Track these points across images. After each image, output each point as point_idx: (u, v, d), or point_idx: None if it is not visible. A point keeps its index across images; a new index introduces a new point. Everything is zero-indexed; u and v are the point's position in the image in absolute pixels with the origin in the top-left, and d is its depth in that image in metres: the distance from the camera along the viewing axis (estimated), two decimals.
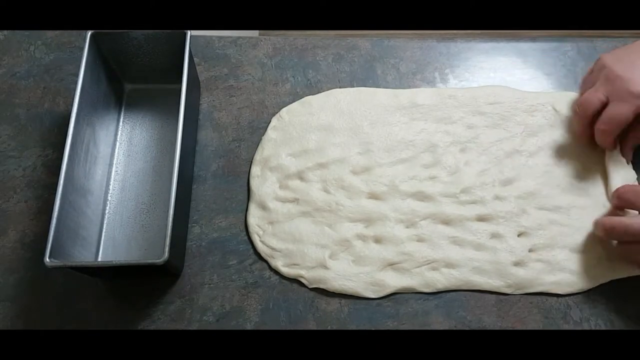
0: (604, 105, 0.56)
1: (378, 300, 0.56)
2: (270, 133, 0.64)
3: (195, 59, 0.67)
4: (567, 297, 0.55)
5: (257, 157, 0.62)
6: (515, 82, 0.67)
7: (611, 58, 0.58)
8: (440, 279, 0.56)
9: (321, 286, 0.56)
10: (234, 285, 0.56)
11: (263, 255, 0.57)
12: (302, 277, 0.56)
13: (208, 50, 0.69)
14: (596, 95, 0.56)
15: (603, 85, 0.56)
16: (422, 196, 0.60)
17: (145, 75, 0.65)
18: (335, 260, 0.57)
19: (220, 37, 0.70)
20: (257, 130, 0.64)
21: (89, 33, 0.59)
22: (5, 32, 0.70)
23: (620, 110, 0.55)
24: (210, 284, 0.57)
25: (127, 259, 0.57)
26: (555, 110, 0.64)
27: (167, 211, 0.51)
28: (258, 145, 0.63)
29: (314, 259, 0.57)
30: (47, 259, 0.48)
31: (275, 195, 0.60)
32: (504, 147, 0.62)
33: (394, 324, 0.55)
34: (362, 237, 0.58)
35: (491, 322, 0.55)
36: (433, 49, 0.70)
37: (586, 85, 0.61)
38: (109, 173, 0.61)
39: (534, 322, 0.55)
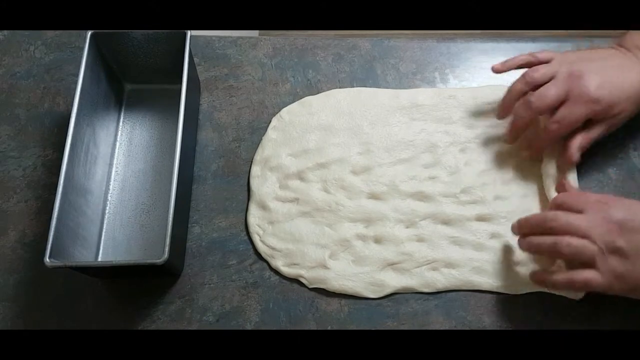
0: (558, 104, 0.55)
1: (378, 300, 0.56)
2: (271, 133, 0.64)
3: (195, 59, 0.67)
4: (567, 297, 0.55)
5: (257, 157, 0.62)
6: None
7: (576, 57, 0.57)
8: (440, 279, 0.56)
9: (321, 286, 0.56)
10: (234, 285, 0.57)
11: (263, 255, 0.57)
12: (302, 277, 0.56)
13: (208, 50, 0.69)
14: (556, 92, 0.54)
15: (563, 82, 0.55)
16: (422, 196, 0.60)
17: (145, 75, 0.65)
18: (335, 260, 0.57)
19: (220, 37, 0.70)
20: (257, 130, 0.64)
21: (89, 33, 0.59)
22: (5, 32, 0.70)
23: (576, 112, 0.54)
24: (210, 284, 0.57)
25: (127, 259, 0.57)
26: None
27: (167, 211, 0.51)
28: (258, 145, 0.63)
29: (314, 259, 0.57)
30: (47, 259, 0.49)
31: (276, 195, 0.60)
32: (507, 145, 0.62)
33: (394, 324, 0.55)
34: (362, 237, 0.58)
35: (491, 322, 0.55)
36: (433, 49, 0.70)
37: (539, 73, 0.57)
38: (109, 173, 0.61)
39: (533, 322, 0.54)
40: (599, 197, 0.51)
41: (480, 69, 0.68)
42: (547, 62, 0.58)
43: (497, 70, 0.60)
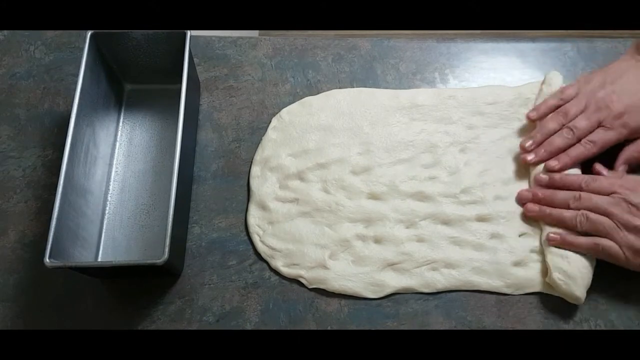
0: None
1: (378, 301, 0.56)
2: (271, 133, 0.64)
3: (195, 59, 0.67)
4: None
5: (257, 157, 0.62)
6: (515, 82, 0.67)
7: (599, 82, 0.60)
8: (440, 279, 0.56)
9: (321, 286, 0.56)
10: (234, 285, 0.56)
11: (263, 255, 0.57)
12: (302, 277, 0.56)
13: (208, 50, 0.69)
14: (587, 123, 0.58)
15: (593, 114, 0.58)
16: (422, 196, 0.59)
17: (145, 76, 0.65)
18: (335, 261, 0.57)
19: (220, 37, 0.70)
20: (257, 131, 0.64)
21: (89, 33, 0.59)
22: (5, 32, 0.70)
23: (608, 136, 0.58)
24: (210, 284, 0.57)
25: (127, 259, 0.57)
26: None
27: (167, 211, 0.51)
28: (258, 146, 0.63)
29: (314, 259, 0.57)
30: (47, 259, 0.48)
31: (275, 195, 0.60)
32: (507, 145, 0.62)
33: (394, 324, 0.55)
34: (362, 238, 0.58)
35: (491, 322, 0.55)
36: (433, 49, 0.70)
37: (572, 112, 0.59)
38: (109, 173, 0.61)
39: (534, 322, 0.54)
40: (623, 182, 0.55)
41: (480, 69, 0.68)
42: (574, 96, 0.60)
43: (532, 118, 0.62)
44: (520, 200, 0.59)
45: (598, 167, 0.58)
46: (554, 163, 0.58)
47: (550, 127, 0.60)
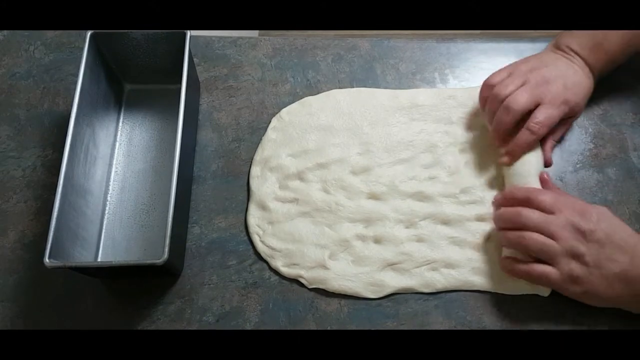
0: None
1: (378, 301, 0.56)
2: (270, 133, 0.64)
3: (195, 59, 0.67)
4: (566, 297, 0.55)
5: (257, 157, 0.62)
6: None
7: (530, 66, 0.60)
8: (440, 279, 0.56)
9: (321, 286, 0.56)
10: (234, 285, 0.57)
11: (263, 255, 0.57)
12: (301, 277, 0.56)
13: (208, 50, 0.69)
14: (528, 98, 0.57)
15: (534, 88, 0.58)
16: (421, 196, 0.60)
17: (145, 76, 0.65)
18: (334, 261, 0.57)
19: (220, 37, 0.70)
20: (257, 131, 0.64)
21: (89, 33, 0.59)
22: (5, 32, 0.70)
23: (552, 114, 0.58)
24: (210, 285, 0.57)
25: (127, 259, 0.57)
26: None
27: (167, 211, 0.51)
28: (258, 146, 0.63)
29: (314, 259, 0.57)
30: (47, 260, 0.49)
31: (275, 195, 0.60)
32: None
33: (394, 324, 0.55)
34: (362, 238, 0.58)
35: (491, 322, 0.55)
36: (433, 49, 0.70)
37: (509, 89, 0.59)
38: (109, 173, 0.61)
39: (534, 322, 0.54)
40: (573, 203, 0.53)
41: (480, 69, 0.68)
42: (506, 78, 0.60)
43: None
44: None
45: (544, 175, 0.58)
46: (504, 159, 0.59)
47: (492, 108, 0.59)
